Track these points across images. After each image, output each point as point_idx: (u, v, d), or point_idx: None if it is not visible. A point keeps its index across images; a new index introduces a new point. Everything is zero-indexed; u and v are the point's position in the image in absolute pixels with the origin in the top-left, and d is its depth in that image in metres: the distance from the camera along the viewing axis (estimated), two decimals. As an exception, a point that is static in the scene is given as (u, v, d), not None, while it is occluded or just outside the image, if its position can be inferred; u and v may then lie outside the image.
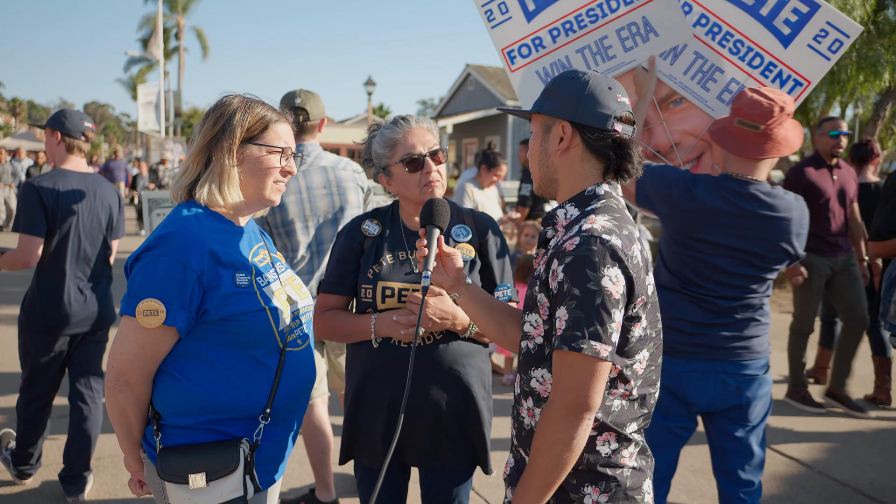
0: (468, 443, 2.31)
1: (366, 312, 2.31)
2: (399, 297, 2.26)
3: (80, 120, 3.72)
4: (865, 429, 5.26)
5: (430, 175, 2.28)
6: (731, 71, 3.12)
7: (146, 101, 20.02)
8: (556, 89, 1.76)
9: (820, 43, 3.03)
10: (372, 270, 2.30)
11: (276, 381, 1.84)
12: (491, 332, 1.96)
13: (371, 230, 2.37)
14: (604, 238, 1.58)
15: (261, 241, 2.02)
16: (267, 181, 1.90)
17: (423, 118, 2.36)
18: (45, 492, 3.87)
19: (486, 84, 26.00)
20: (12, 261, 3.58)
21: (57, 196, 3.59)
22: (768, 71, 3.10)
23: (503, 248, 2.43)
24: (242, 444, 1.75)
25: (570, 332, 1.55)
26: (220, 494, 1.71)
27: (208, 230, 1.82)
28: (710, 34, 3.09)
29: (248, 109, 1.89)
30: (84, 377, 3.82)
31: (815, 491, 4.20)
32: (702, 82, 3.14)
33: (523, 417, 1.75)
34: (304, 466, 4.16)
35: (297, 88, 3.51)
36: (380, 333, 2.25)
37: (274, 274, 1.95)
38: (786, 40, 3.06)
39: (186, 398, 1.79)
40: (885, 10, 10.87)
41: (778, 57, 3.08)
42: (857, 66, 10.11)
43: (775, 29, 3.06)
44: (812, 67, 3.07)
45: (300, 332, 1.97)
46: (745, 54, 3.09)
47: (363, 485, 2.37)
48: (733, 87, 3.12)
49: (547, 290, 1.65)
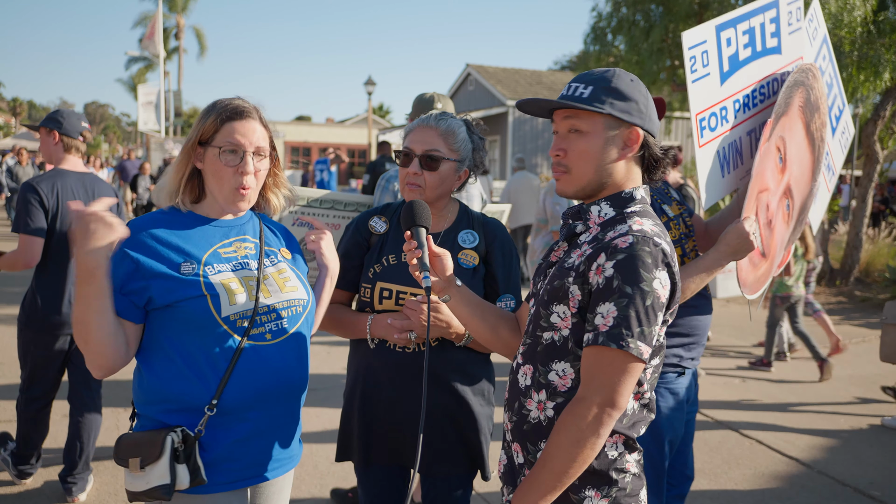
0: (466, 448, 2.30)
1: (364, 311, 2.31)
2: (396, 299, 2.25)
3: (78, 120, 3.73)
4: (865, 428, 5.26)
5: (407, 176, 2.25)
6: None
7: (146, 100, 20.01)
8: (618, 89, 1.67)
9: (843, 136, 3.33)
10: (373, 270, 2.28)
11: (227, 373, 1.81)
12: (483, 335, 1.93)
13: (378, 227, 2.35)
14: (656, 241, 1.58)
15: (244, 235, 1.98)
16: (224, 183, 1.89)
17: (448, 120, 2.29)
18: (45, 492, 3.87)
19: (486, 84, 25.97)
20: (13, 261, 3.57)
21: (57, 196, 3.59)
22: (825, 158, 3.17)
23: (511, 256, 2.37)
24: (173, 433, 1.76)
25: (617, 330, 1.52)
26: (148, 481, 1.75)
27: (163, 223, 1.88)
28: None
29: (208, 111, 1.92)
30: (84, 377, 3.81)
31: (815, 491, 4.20)
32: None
33: (529, 410, 1.69)
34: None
35: (433, 92, 3.52)
36: (374, 335, 2.24)
37: (240, 265, 1.91)
38: (833, 130, 3.20)
39: (147, 388, 1.85)
40: (885, 10, 10.87)
41: (830, 146, 3.18)
42: (858, 66, 10.11)
43: (830, 119, 3.14)
44: (837, 158, 3.27)
45: (274, 327, 1.90)
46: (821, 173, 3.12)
47: (362, 485, 2.37)
48: (808, 204, 3.08)
49: (584, 282, 1.60)
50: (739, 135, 2.71)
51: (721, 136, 2.62)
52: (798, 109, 2.73)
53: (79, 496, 3.76)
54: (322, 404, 5.19)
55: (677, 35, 14.23)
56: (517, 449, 1.74)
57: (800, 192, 2.89)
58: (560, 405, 1.64)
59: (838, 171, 3.29)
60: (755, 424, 5.27)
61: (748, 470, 4.47)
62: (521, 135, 24.63)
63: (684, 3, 13.60)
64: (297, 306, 1.97)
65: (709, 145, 2.58)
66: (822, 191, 3.22)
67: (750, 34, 2.69)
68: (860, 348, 7.61)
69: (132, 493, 1.79)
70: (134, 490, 1.78)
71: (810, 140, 2.86)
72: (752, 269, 2.70)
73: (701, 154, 2.56)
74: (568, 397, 1.64)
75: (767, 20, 2.75)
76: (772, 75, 2.78)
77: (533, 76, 27.93)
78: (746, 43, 2.68)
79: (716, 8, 13.42)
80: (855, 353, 7.29)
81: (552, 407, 1.65)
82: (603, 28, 15.76)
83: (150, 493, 1.76)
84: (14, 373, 4.85)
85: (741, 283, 2.64)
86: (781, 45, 2.81)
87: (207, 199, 1.96)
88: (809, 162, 2.90)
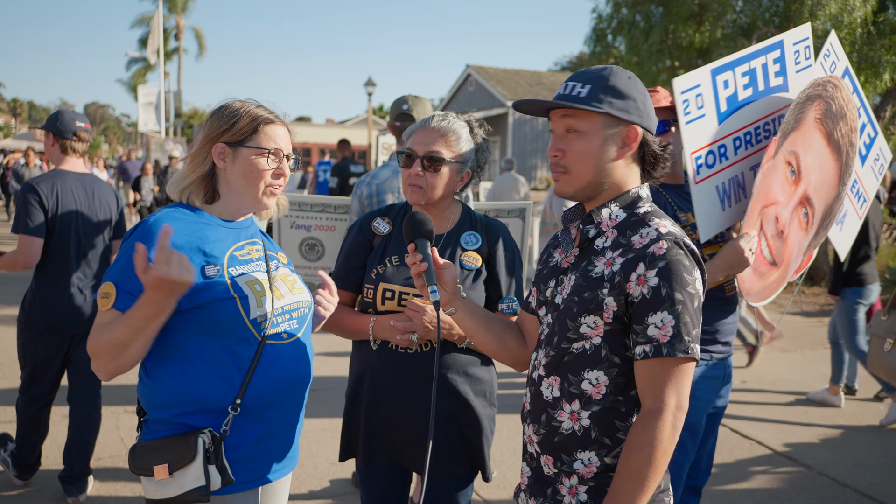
0: (467, 449, 2.30)
1: (367, 312, 2.31)
2: (399, 300, 2.25)
3: (72, 120, 3.71)
4: (865, 429, 5.26)
5: (409, 177, 2.24)
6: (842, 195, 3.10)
7: (146, 101, 19.98)
8: (616, 87, 1.65)
9: (876, 162, 3.33)
10: (376, 270, 2.28)
11: (250, 372, 1.84)
12: (489, 346, 1.91)
13: (381, 228, 2.35)
14: (686, 241, 1.60)
15: (254, 239, 2.03)
16: (258, 184, 1.94)
17: (452, 120, 2.28)
18: (45, 492, 3.87)
19: (486, 84, 25.99)
20: (13, 261, 3.58)
21: (56, 196, 3.59)
22: (853, 187, 3.18)
23: (514, 259, 2.37)
24: (203, 435, 1.76)
25: (678, 339, 1.54)
26: (182, 485, 1.74)
27: (182, 223, 1.87)
28: None
29: (239, 112, 1.94)
30: (84, 377, 3.81)
31: (815, 491, 4.19)
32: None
33: (561, 422, 1.66)
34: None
35: (407, 94, 3.54)
36: (377, 336, 2.24)
37: (257, 268, 1.96)
38: (863, 160, 3.21)
39: (162, 391, 1.83)
40: (885, 11, 10.88)
41: (859, 174, 3.20)
42: (858, 67, 10.12)
43: (859, 148, 3.15)
44: (870, 185, 3.28)
45: (288, 327, 1.96)
46: (851, 183, 3.11)
47: (363, 484, 2.37)
48: (835, 208, 3.07)
49: (620, 293, 1.59)
50: (742, 170, 2.71)
51: (720, 172, 2.63)
52: (815, 122, 2.73)
53: (79, 497, 3.76)
54: (322, 405, 5.19)
55: (677, 36, 14.23)
56: (547, 461, 1.71)
57: (822, 198, 2.91)
58: (596, 413, 1.63)
59: (871, 198, 3.29)
60: (755, 425, 5.27)
61: (748, 470, 4.47)
62: (521, 136, 24.65)
63: (684, 4, 13.60)
64: (304, 307, 2.03)
65: (707, 181, 2.59)
66: (852, 218, 3.21)
67: (751, 75, 2.68)
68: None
69: (160, 500, 1.77)
70: (162, 497, 1.76)
71: (834, 148, 2.86)
72: (759, 279, 2.74)
73: (697, 189, 2.56)
74: (604, 405, 1.63)
75: (770, 61, 2.74)
76: (778, 112, 2.76)
77: (533, 77, 27.94)
78: (746, 84, 2.67)
79: (716, 8, 13.43)
80: (855, 353, 7.27)
81: (587, 416, 1.63)
82: (603, 29, 15.77)
83: (184, 497, 1.74)
84: (14, 373, 4.85)
85: (745, 292, 2.68)
86: (788, 83, 2.79)
87: (221, 200, 1.98)
88: (834, 169, 2.91)
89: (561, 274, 1.75)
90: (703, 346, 2.71)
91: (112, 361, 1.77)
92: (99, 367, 1.80)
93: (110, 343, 1.75)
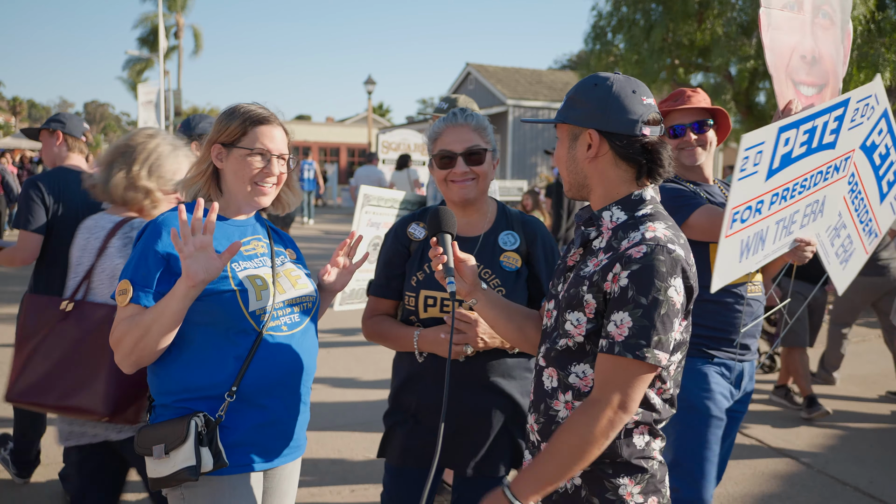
0: (512, 450, 2.31)
1: (409, 320, 2.30)
2: (441, 306, 2.23)
3: (80, 122, 3.86)
4: (865, 428, 5.27)
5: (454, 175, 2.23)
6: (850, 228, 3.08)
7: (146, 100, 19.91)
8: (579, 98, 1.76)
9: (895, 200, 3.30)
10: (416, 278, 2.27)
11: (247, 362, 1.92)
12: (510, 336, 1.98)
13: (417, 234, 2.34)
14: (670, 248, 1.62)
15: (258, 235, 2.11)
16: (246, 183, 2.02)
17: (475, 115, 2.29)
18: (45, 492, 3.87)
19: (486, 83, 25.96)
20: (10, 257, 3.58)
21: (59, 193, 3.61)
22: (867, 226, 3.14)
23: (553, 255, 2.36)
24: (196, 418, 1.84)
25: (634, 340, 1.58)
26: (174, 464, 1.84)
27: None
28: (851, 192, 3.01)
29: (234, 114, 2.03)
30: (84, 376, 3.81)
31: (815, 490, 4.20)
32: (831, 238, 3.02)
33: (557, 411, 1.75)
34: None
35: (461, 95, 3.59)
36: (422, 349, 2.23)
37: (261, 263, 2.04)
38: (882, 197, 3.18)
39: (167, 378, 1.94)
40: (885, 10, 10.88)
41: (874, 211, 3.17)
42: (858, 66, 10.11)
43: (881, 187, 3.13)
44: (885, 221, 3.25)
45: (288, 320, 2.03)
46: (862, 215, 3.10)
47: (391, 483, 2.37)
48: (847, 244, 3.07)
49: (598, 291, 1.66)
50: (768, 224, 2.65)
51: (750, 226, 2.57)
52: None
53: (78, 495, 3.76)
54: (321, 405, 5.19)
55: (677, 34, 14.23)
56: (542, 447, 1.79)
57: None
58: None
59: (882, 234, 3.25)
60: (755, 424, 5.28)
61: (748, 470, 4.47)
62: (521, 134, 24.65)
63: (685, 2, 13.60)
64: (307, 302, 2.11)
65: (735, 235, 2.51)
66: (859, 255, 3.17)
67: (811, 133, 2.63)
68: (860, 348, 7.61)
69: (156, 479, 1.87)
70: (158, 476, 1.87)
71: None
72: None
73: (725, 243, 2.48)
74: None
75: (832, 119, 2.69)
76: (816, 170, 2.73)
77: (533, 75, 27.93)
78: (804, 142, 2.61)
79: (716, 6, 13.43)
80: (855, 352, 7.27)
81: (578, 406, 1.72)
82: (603, 27, 15.76)
83: (176, 475, 1.84)
84: (14, 371, 4.83)
85: None
86: (837, 141, 2.75)
87: (224, 198, 2.07)
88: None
89: (567, 271, 1.84)
90: (702, 347, 2.70)
91: (137, 353, 1.86)
92: (122, 359, 1.89)
93: (147, 334, 1.84)
